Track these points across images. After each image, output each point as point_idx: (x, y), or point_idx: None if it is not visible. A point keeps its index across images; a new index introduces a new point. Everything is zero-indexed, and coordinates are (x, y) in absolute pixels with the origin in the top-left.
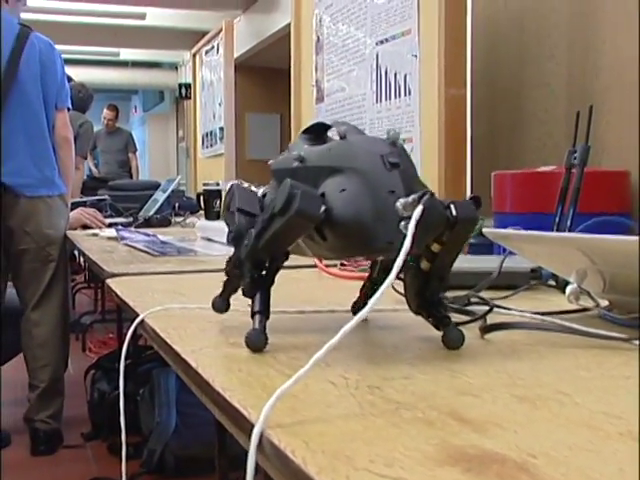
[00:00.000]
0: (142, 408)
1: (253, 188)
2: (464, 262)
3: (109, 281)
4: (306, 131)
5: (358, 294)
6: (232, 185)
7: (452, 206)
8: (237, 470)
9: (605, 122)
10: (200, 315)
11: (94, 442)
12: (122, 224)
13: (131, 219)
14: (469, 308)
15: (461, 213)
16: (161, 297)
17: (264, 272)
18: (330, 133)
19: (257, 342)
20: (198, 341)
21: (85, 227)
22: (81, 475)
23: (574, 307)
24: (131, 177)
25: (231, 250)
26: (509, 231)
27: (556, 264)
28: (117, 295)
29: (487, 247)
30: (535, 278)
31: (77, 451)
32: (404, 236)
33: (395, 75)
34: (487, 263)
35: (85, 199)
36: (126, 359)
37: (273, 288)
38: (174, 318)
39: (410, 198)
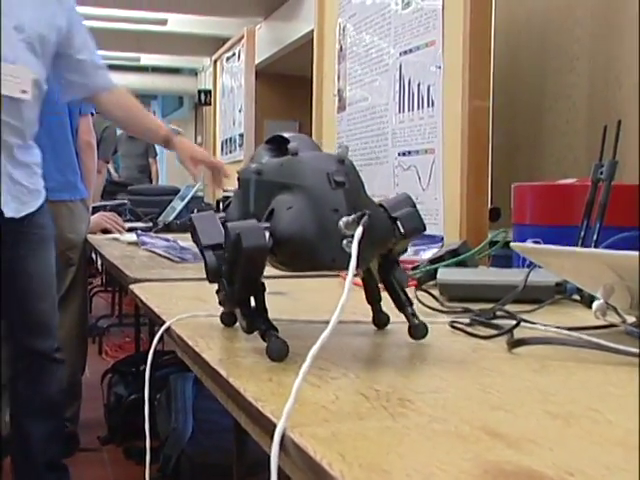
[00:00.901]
0: (159, 413)
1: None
2: (489, 275)
3: (132, 287)
4: (268, 141)
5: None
6: (191, 219)
7: (399, 223)
8: (256, 477)
9: (627, 135)
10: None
11: (110, 446)
12: (142, 229)
13: (151, 224)
14: (495, 322)
15: (408, 228)
16: (185, 304)
17: (254, 303)
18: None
19: (280, 352)
20: (226, 349)
21: (105, 231)
22: (97, 478)
23: (600, 323)
24: (151, 182)
25: None
26: (536, 245)
27: (583, 279)
28: (142, 301)
29: (507, 259)
30: (560, 292)
31: (93, 454)
32: (347, 254)
33: (418, 86)
34: (511, 276)
35: (105, 203)
36: (146, 364)
37: (298, 297)
38: (200, 326)
39: (351, 218)
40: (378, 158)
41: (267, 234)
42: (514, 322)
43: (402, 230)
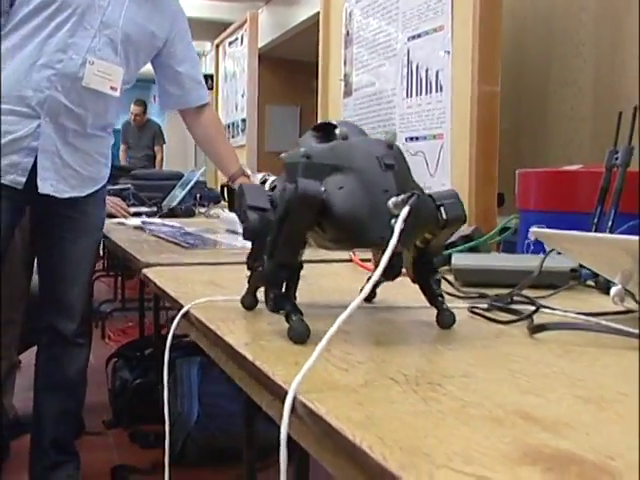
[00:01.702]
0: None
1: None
2: (503, 261)
3: (146, 271)
4: (315, 128)
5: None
6: (241, 185)
7: (442, 209)
8: (265, 461)
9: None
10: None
11: (115, 430)
12: (147, 214)
13: (155, 209)
14: (513, 307)
15: (450, 215)
16: (201, 288)
17: (284, 288)
18: (336, 131)
19: (301, 335)
20: (249, 333)
21: (110, 216)
22: (102, 462)
23: (618, 308)
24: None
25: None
26: (555, 231)
27: (600, 264)
28: (156, 285)
29: (512, 245)
30: (574, 278)
31: (98, 438)
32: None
33: (427, 71)
34: (526, 262)
35: (108, 187)
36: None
37: (312, 281)
38: (219, 310)
39: (400, 198)
40: None
41: (322, 188)
42: (532, 307)
43: (445, 216)
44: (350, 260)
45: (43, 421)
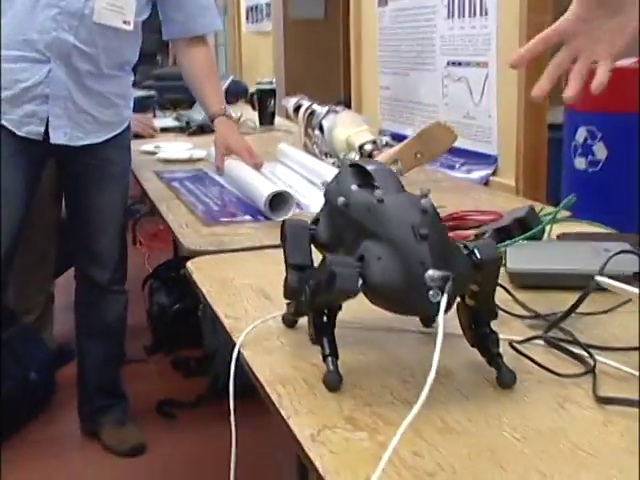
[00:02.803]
0: (204, 324)
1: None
2: (562, 260)
3: (190, 266)
4: (352, 165)
5: None
6: (284, 224)
7: (476, 251)
8: None
9: None
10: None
11: (157, 356)
12: (174, 130)
13: (183, 124)
14: (567, 346)
15: (484, 256)
16: (251, 305)
17: (325, 318)
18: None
19: (334, 383)
20: (314, 414)
21: (137, 136)
22: (147, 394)
23: None
24: None
25: None
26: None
27: None
28: (205, 298)
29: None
30: (637, 280)
31: (140, 366)
32: (432, 303)
33: None
34: (586, 260)
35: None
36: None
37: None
38: (273, 351)
39: (436, 275)
40: (425, 64)
41: (360, 281)
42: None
43: (479, 256)
44: None
45: (86, 366)
